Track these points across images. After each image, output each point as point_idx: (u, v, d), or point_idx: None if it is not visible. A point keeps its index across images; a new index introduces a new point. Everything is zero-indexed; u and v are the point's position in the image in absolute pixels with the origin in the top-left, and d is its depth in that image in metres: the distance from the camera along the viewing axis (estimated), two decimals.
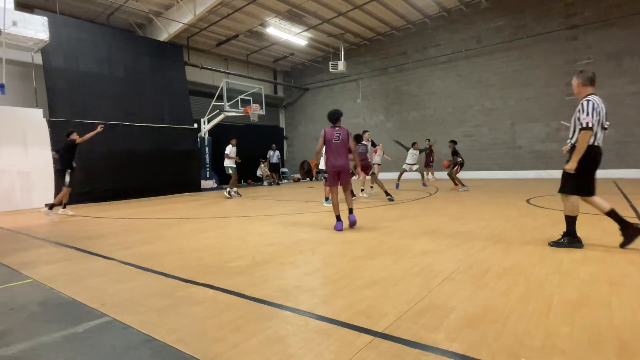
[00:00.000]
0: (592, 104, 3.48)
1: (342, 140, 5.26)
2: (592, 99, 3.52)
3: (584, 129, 3.47)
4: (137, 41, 13.95)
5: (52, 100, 10.94)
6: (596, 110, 3.47)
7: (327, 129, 5.31)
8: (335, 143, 5.25)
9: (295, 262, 3.59)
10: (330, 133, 5.26)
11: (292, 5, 14.20)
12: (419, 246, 4.05)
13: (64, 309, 2.62)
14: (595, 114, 3.46)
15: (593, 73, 3.66)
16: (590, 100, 3.50)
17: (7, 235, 5.93)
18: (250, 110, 15.86)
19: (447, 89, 16.39)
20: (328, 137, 5.25)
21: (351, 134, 5.44)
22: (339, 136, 5.25)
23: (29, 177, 10.26)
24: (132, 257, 4.03)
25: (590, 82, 3.63)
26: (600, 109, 3.52)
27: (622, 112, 12.68)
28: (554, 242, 3.81)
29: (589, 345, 1.82)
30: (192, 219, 7.00)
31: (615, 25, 12.65)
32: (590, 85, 3.64)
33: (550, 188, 9.92)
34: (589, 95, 3.57)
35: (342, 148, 5.28)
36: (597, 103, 3.50)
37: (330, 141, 5.26)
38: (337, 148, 5.26)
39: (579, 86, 3.70)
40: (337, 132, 5.26)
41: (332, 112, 5.35)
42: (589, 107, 3.47)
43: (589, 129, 3.45)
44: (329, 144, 5.29)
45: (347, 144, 5.30)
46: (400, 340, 1.94)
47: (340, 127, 5.34)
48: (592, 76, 3.63)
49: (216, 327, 2.18)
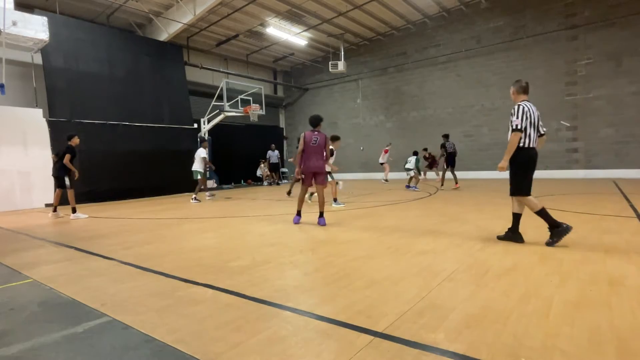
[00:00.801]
0: (523, 108, 3.80)
1: (319, 144, 5.64)
2: (523, 104, 3.83)
3: (514, 131, 3.81)
4: (137, 41, 13.95)
5: (52, 100, 10.94)
6: (526, 115, 3.78)
7: (306, 132, 5.69)
8: (312, 146, 5.63)
9: (295, 262, 3.59)
10: (309, 136, 5.65)
11: (292, 5, 14.19)
12: (419, 246, 4.05)
13: (64, 309, 2.62)
14: (525, 118, 3.78)
15: (526, 83, 4.01)
16: (521, 105, 3.83)
17: (7, 235, 5.93)
18: (250, 110, 15.86)
19: (447, 89, 16.38)
20: (307, 139, 5.64)
21: (329, 139, 5.79)
22: (317, 140, 5.64)
23: (29, 177, 10.26)
24: (132, 257, 4.03)
25: (523, 90, 3.99)
26: (531, 113, 3.81)
27: (622, 112, 12.69)
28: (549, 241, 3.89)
29: (589, 345, 1.82)
30: (192, 219, 7.00)
31: (615, 25, 12.65)
32: (523, 93, 3.99)
33: (549, 188, 9.92)
34: (524, 102, 3.87)
35: (318, 151, 5.65)
36: (528, 108, 3.81)
37: (308, 144, 5.64)
38: (314, 151, 5.62)
39: (514, 94, 4.05)
40: (315, 136, 5.65)
41: (312, 117, 5.75)
42: (519, 111, 3.80)
43: (519, 130, 3.78)
44: (307, 147, 5.65)
45: (324, 147, 5.67)
46: (400, 340, 1.94)
47: (319, 131, 5.72)
48: (525, 86, 3.99)
49: (216, 327, 2.18)
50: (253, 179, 18.84)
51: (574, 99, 13.56)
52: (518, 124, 3.77)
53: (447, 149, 10.96)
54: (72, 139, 7.79)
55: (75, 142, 7.82)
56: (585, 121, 13.38)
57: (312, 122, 5.73)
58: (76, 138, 7.86)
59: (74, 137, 7.83)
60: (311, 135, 5.65)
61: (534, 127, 3.83)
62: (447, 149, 10.96)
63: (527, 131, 3.79)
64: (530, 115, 3.79)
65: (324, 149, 5.66)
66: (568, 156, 13.80)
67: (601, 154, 13.18)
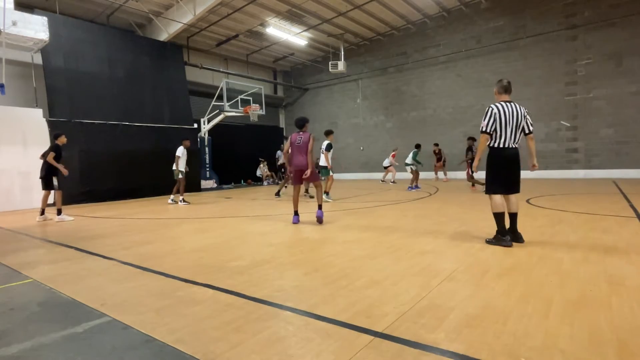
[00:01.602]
0: (492, 110, 3.84)
1: (303, 143, 5.92)
2: (494, 105, 3.86)
3: (481, 133, 3.91)
4: (137, 41, 13.95)
5: (52, 100, 10.94)
6: (494, 116, 3.81)
7: (292, 134, 6.04)
8: (297, 145, 5.95)
9: (295, 262, 3.59)
10: (294, 137, 6.00)
11: (292, 5, 14.19)
12: (419, 246, 4.04)
13: (64, 309, 2.62)
14: (492, 120, 3.81)
15: (508, 82, 3.99)
16: (490, 107, 3.87)
17: (7, 235, 5.92)
18: (250, 110, 15.87)
19: (447, 89, 16.38)
20: (292, 140, 6.01)
21: (313, 138, 5.98)
22: (301, 139, 5.94)
23: (29, 177, 10.25)
24: (132, 257, 4.03)
25: (504, 90, 3.97)
26: (502, 114, 3.80)
27: (622, 112, 12.69)
28: (488, 240, 4.05)
29: (589, 345, 1.82)
30: (192, 219, 7.00)
31: (615, 25, 12.65)
32: (504, 93, 3.97)
33: (549, 188, 9.92)
34: (497, 103, 3.88)
35: (302, 149, 5.92)
36: (499, 109, 3.81)
37: (293, 144, 5.99)
38: (298, 149, 5.94)
39: (496, 94, 4.05)
40: (299, 136, 5.97)
41: (297, 119, 6.08)
42: (486, 114, 3.86)
43: (484, 132, 3.86)
44: (292, 146, 6.00)
45: (307, 146, 5.89)
46: (400, 340, 1.94)
47: (304, 132, 6.01)
48: (506, 85, 3.97)
49: (216, 327, 2.18)
50: (253, 179, 18.84)
51: (574, 99, 13.56)
52: (483, 127, 3.86)
53: (474, 153, 10.78)
54: (59, 137, 7.52)
55: (62, 141, 7.54)
56: (585, 121, 13.39)
57: (297, 124, 6.05)
58: (63, 137, 7.57)
59: (61, 136, 7.55)
60: (296, 136, 6.00)
61: (510, 127, 3.80)
62: (474, 153, 10.78)
63: (498, 132, 3.82)
64: (501, 116, 3.78)
65: (307, 146, 5.90)
66: (568, 156, 13.80)
67: (601, 154, 13.18)
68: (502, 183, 3.94)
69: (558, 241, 4.04)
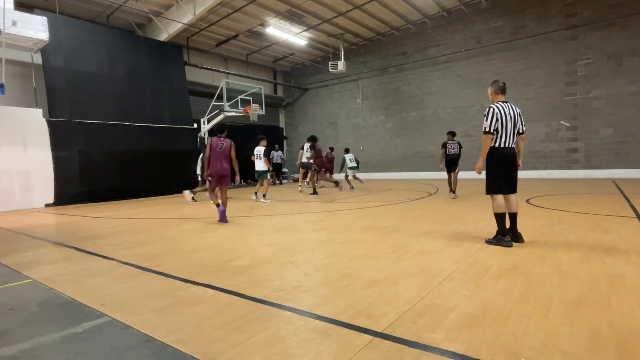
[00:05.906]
0: (493, 110, 3.86)
1: (224, 149, 6.16)
2: (494, 106, 3.89)
3: (484, 133, 3.90)
4: (137, 41, 13.94)
5: (51, 100, 10.93)
6: (496, 116, 3.83)
7: (213, 138, 6.23)
8: (218, 151, 6.13)
9: (295, 262, 3.59)
10: (215, 142, 6.18)
11: (292, 5, 14.19)
12: (418, 246, 4.04)
13: (63, 309, 2.62)
14: (494, 120, 3.83)
15: (504, 83, 4.03)
16: (491, 107, 3.89)
17: (7, 235, 5.92)
18: (250, 110, 15.84)
19: (447, 89, 16.38)
20: (213, 145, 6.16)
21: (234, 146, 6.30)
22: (222, 145, 6.16)
23: (29, 177, 10.25)
24: (132, 257, 4.03)
25: (500, 90, 4.00)
26: (502, 114, 3.83)
27: (622, 112, 12.68)
28: (488, 240, 4.07)
29: (589, 345, 1.82)
30: (192, 219, 7.00)
31: (615, 25, 12.64)
32: (500, 93, 4.01)
33: (550, 188, 9.92)
34: (497, 103, 3.91)
35: (224, 155, 6.16)
36: (499, 109, 3.85)
37: (214, 149, 6.13)
38: (220, 155, 6.13)
39: (492, 94, 4.06)
40: (221, 141, 6.18)
41: (218, 125, 6.40)
42: (488, 114, 3.88)
43: (487, 133, 3.87)
44: (213, 151, 6.14)
45: (229, 152, 6.19)
46: (400, 340, 1.94)
47: (225, 137, 6.28)
48: (502, 86, 4.01)
49: (216, 327, 2.18)
50: (253, 179, 18.83)
51: (574, 99, 13.56)
52: (486, 127, 3.87)
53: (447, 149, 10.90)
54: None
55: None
56: (585, 121, 13.38)
57: (219, 129, 6.29)
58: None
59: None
60: (217, 141, 6.17)
61: (509, 127, 3.85)
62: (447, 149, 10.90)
63: (499, 132, 3.85)
64: (501, 116, 3.82)
65: (229, 153, 6.22)
66: (568, 156, 13.79)
67: (601, 154, 13.17)
68: (506, 182, 3.96)
69: (558, 241, 4.04)
